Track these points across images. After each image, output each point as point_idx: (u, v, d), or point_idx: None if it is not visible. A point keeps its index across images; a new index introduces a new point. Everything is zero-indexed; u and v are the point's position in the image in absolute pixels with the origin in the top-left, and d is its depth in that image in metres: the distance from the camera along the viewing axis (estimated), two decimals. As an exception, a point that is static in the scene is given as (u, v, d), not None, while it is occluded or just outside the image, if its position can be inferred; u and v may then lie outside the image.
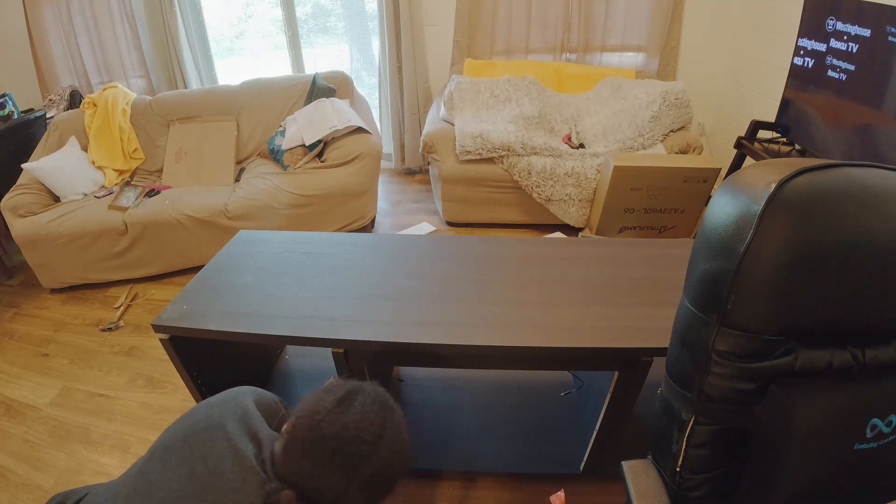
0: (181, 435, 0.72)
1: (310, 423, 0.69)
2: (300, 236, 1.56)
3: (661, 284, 1.28)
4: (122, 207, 2.39)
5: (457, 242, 1.52)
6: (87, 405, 1.82)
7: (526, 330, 1.12)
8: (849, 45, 2.00)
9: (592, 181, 2.58)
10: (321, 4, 3.51)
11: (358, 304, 1.22)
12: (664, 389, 0.74)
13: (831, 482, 0.61)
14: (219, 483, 0.67)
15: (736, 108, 3.13)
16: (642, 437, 0.84)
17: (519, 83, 2.93)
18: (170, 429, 0.75)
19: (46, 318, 2.31)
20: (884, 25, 1.81)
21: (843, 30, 2.02)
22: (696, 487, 0.72)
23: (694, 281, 0.66)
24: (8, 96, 2.92)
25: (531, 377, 1.71)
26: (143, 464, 0.72)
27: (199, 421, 0.73)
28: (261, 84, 2.91)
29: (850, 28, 1.99)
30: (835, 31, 2.07)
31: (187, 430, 0.72)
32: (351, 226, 2.69)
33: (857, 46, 1.96)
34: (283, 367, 1.77)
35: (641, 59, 3.25)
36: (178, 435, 0.72)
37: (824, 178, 0.57)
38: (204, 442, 0.70)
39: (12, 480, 1.55)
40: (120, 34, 3.29)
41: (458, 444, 1.51)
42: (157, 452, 0.72)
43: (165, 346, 1.18)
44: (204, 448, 0.69)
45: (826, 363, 0.60)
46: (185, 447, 0.70)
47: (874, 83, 1.88)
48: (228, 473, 0.67)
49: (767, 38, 2.81)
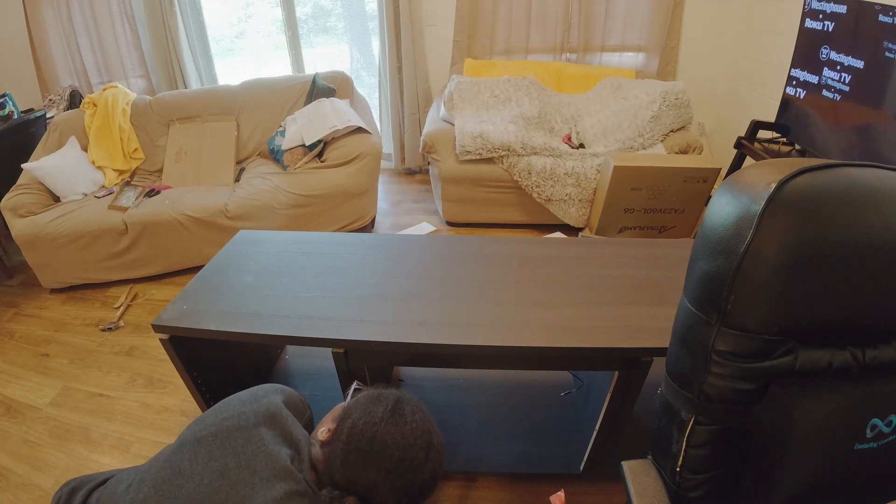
0: (213, 430, 0.72)
1: (370, 436, 0.72)
2: (300, 236, 1.56)
3: (661, 284, 1.28)
4: (122, 207, 2.39)
5: (457, 242, 1.52)
6: (86, 405, 1.82)
7: (526, 330, 1.12)
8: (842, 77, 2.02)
9: (592, 181, 2.58)
10: (321, 4, 3.51)
11: (358, 304, 1.22)
12: (664, 389, 0.74)
13: (831, 482, 0.61)
14: (251, 479, 0.67)
15: (736, 108, 3.13)
16: (642, 437, 0.84)
17: (519, 83, 2.93)
18: (199, 421, 0.75)
19: (46, 318, 2.31)
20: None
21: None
22: (696, 487, 0.72)
23: (694, 281, 0.65)
24: (8, 96, 2.92)
25: (531, 377, 1.71)
26: (171, 453, 0.72)
27: (230, 417, 0.73)
28: (261, 84, 2.91)
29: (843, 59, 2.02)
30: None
31: (219, 426, 0.72)
32: (351, 226, 2.68)
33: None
34: (283, 367, 1.77)
35: (641, 59, 3.25)
36: (210, 429, 0.72)
37: (824, 178, 0.57)
38: (237, 439, 0.70)
39: (12, 480, 1.55)
40: (120, 34, 3.29)
41: (458, 444, 1.51)
42: (187, 444, 0.71)
43: (165, 346, 1.18)
44: (237, 445, 0.69)
45: (826, 363, 0.60)
46: (217, 442, 0.70)
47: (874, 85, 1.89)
48: (262, 471, 0.68)
49: (767, 38, 2.81)
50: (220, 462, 0.68)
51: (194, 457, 0.69)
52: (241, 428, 0.71)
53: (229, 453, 0.69)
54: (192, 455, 0.69)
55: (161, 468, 0.70)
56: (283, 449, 0.71)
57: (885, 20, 1.80)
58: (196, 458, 0.69)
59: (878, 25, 1.83)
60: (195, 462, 0.68)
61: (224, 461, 0.68)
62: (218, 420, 0.73)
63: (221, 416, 0.74)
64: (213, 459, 0.68)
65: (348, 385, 0.91)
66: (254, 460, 0.68)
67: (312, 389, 1.67)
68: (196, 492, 0.66)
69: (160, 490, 0.68)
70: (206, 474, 0.67)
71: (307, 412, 0.86)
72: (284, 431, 0.73)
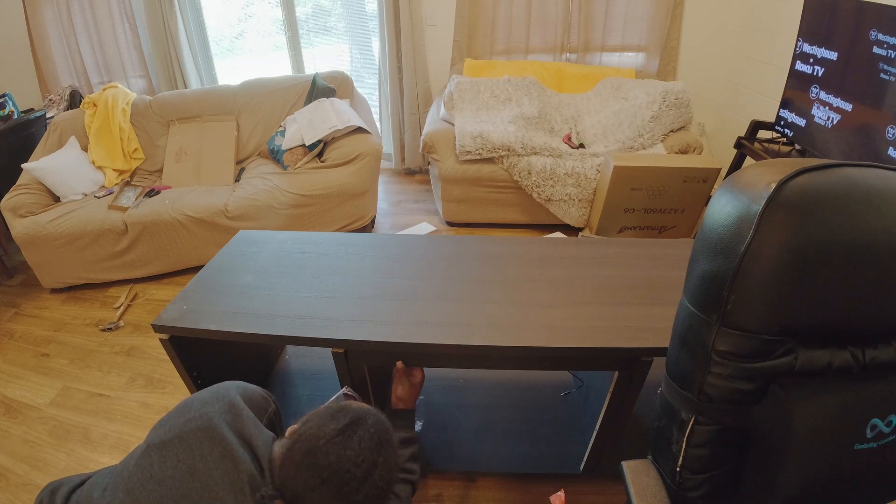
0: (177, 431, 0.73)
1: (308, 447, 0.71)
2: (300, 236, 1.56)
3: (661, 284, 1.28)
4: (122, 207, 2.39)
5: (457, 242, 1.52)
6: (86, 405, 1.82)
7: (526, 330, 1.12)
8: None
9: (592, 181, 2.58)
10: (321, 4, 3.51)
11: (358, 304, 1.21)
12: (664, 389, 0.74)
13: (831, 482, 0.61)
14: (220, 481, 0.69)
15: (736, 108, 3.13)
16: (642, 437, 0.84)
17: (519, 83, 2.93)
18: (164, 423, 0.76)
19: (46, 318, 2.31)
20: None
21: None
22: (696, 487, 0.72)
23: (694, 281, 0.65)
24: (8, 96, 2.92)
25: (531, 377, 1.71)
26: (140, 456, 0.73)
27: (193, 419, 0.74)
28: (261, 84, 2.91)
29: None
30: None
31: (183, 427, 0.73)
32: (351, 226, 2.68)
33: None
34: (283, 367, 1.77)
35: (641, 59, 3.25)
36: (174, 431, 0.73)
37: (824, 178, 0.57)
38: (202, 441, 0.71)
39: (12, 480, 1.55)
40: (120, 34, 3.29)
41: (458, 444, 1.51)
42: (154, 446, 0.73)
43: (165, 346, 1.18)
44: (203, 447, 0.71)
45: (826, 363, 0.60)
46: (184, 445, 0.71)
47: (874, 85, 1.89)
48: (228, 475, 0.69)
49: (767, 38, 2.81)
50: (189, 464, 0.69)
51: (162, 460, 0.70)
52: (203, 428, 0.72)
53: (196, 455, 0.70)
54: (160, 458, 0.71)
55: (132, 473, 0.71)
56: (242, 450, 0.72)
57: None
58: (164, 461, 0.70)
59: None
60: (164, 466, 0.70)
61: (192, 463, 0.69)
62: (182, 422, 0.74)
63: (185, 418, 0.74)
64: (181, 462, 0.70)
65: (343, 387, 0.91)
66: (221, 462, 0.70)
67: (312, 389, 1.67)
68: (169, 495, 0.68)
69: (133, 495, 0.69)
70: (176, 477, 0.69)
71: (270, 406, 0.86)
72: (243, 433, 0.74)
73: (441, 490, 1.48)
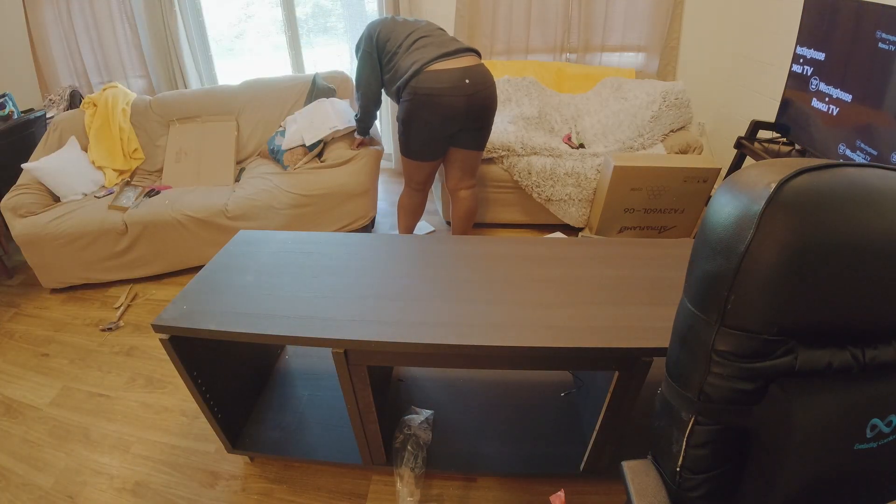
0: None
1: None
2: (300, 236, 1.56)
3: (661, 284, 1.28)
4: (122, 207, 2.39)
5: (457, 242, 1.52)
6: (86, 405, 1.82)
7: (526, 330, 1.12)
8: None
9: (592, 181, 2.58)
10: (321, 4, 3.51)
11: (358, 304, 1.22)
12: (664, 389, 0.74)
13: (831, 482, 0.61)
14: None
15: (736, 108, 3.13)
16: (642, 437, 0.84)
17: (519, 83, 2.93)
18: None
19: (46, 318, 2.31)
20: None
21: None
22: (696, 487, 0.72)
23: (694, 281, 0.65)
24: (8, 96, 2.92)
25: (531, 377, 1.71)
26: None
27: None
28: (261, 84, 2.91)
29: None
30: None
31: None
32: (351, 226, 2.68)
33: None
34: (283, 367, 1.77)
35: (641, 59, 3.25)
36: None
37: (824, 178, 0.57)
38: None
39: (12, 480, 1.55)
40: (120, 34, 3.29)
41: (458, 444, 1.51)
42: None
43: (165, 346, 1.18)
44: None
45: (826, 363, 0.60)
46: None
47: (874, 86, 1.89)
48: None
49: (767, 38, 2.81)
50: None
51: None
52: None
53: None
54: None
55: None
56: None
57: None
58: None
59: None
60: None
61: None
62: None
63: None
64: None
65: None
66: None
67: (312, 389, 1.67)
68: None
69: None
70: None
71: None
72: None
73: (442, 490, 1.48)
